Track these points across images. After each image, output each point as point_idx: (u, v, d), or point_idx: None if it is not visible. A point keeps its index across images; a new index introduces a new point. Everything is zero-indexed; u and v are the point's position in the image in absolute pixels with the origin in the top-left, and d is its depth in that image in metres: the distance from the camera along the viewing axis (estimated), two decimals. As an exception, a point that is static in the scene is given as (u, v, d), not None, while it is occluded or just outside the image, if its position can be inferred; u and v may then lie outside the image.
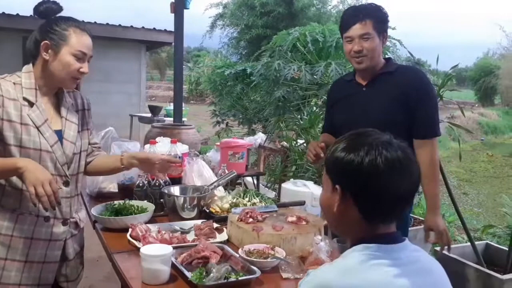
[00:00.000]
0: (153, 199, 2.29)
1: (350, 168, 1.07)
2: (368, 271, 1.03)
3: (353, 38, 2.11)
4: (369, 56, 2.11)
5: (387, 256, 1.05)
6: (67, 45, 1.77)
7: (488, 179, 11.22)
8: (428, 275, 1.09)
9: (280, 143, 4.94)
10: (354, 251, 1.08)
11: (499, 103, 25.50)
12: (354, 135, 1.14)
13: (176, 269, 1.63)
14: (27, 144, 1.72)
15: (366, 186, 1.06)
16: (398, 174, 1.06)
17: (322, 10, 12.70)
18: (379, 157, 1.05)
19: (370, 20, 2.09)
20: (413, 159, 1.11)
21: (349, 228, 1.14)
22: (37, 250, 1.80)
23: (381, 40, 2.13)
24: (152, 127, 3.87)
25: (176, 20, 5.64)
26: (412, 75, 2.16)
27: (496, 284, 2.63)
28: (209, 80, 10.37)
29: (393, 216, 1.11)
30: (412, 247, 1.13)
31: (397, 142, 1.11)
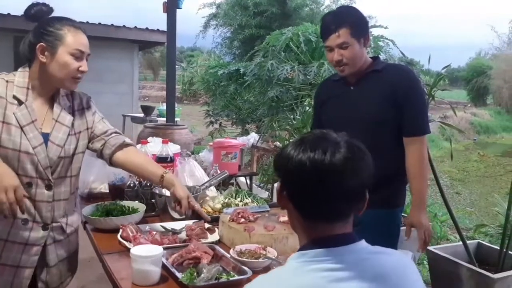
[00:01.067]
0: (144, 200, 2.28)
1: (282, 162, 1.06)
2: (301, 277, 0.98)
3: (332, 48, 2.10)
4: (350, 63, 2.10)
5: (327, 260, 0.99)
6: (63, 45, 1.74)
7: (480, 179, 11.27)
8: (379, 281, 1.00)
9: (273, 143, 4.93)
10: (291, 259, 1.04)
11: (491, 103, 25.65)
12: (307, 134, 1.12)
13: (167, 270, 1.62)
14: (6, 144, 1.68)
15: (293, 181, 1.04)
16: (329, 173, 1.00)
17: (315, 10, 12.72)
18: (307, 154, 1.01)
19: (346, 29, 2.05)
20: (362, 154, 1.04)
21: (295, 226, 1.11)
22: (11, 253, 1.73)
23: (362, 44, 2.10)
24: (144, 127, 3.85)
25: (169, 19, 5.62)
26: (400, 72, 2.15)
27: (488, 283, 2.63)
28: (203, 80, 10.36)
29: (335, 214, 1.04)
30: (370, 248, 1.06)
31: (351, 140, 1.05)
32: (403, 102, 2.07)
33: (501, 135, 19.00)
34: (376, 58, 2.24)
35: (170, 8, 5.55)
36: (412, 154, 2.09)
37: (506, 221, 2.93)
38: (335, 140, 1.04)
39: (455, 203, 8.38)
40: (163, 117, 7.75)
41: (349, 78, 2.19)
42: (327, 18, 2.15)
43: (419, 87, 2.16)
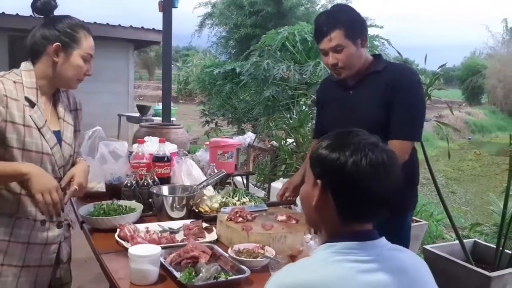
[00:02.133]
0: (141, 199, 2.27)
1: (334, 166, 1.08)
2: (329, 267, 1.04)
3: (326, 51, 2.00)
4: (347, 67, 2.00)
5: (354, 253, 1.06)
6: (79, 48, 1.78)
7: (475, 178, 11.32)
8: (402, 274, 1.07)
9: (270, 142, 4.93)
10: (319, 249, 1.11)
11: (486, 102, 25.76)
12: (342, 133, 1.15)
13: (165, 270, 1.62)
14: (30, 147, 1.69)
15: (347, 185, 1.08)
16: (380, 177, 1.07)
17: (311, 10, 12.72)
18: (364, 158, 1.06)
19: (339, 31, 1.94)
20: (397, 163, 1.12)
21: (323, 223, 1.16)
22: (33, 254, 1.77)
23: (360, 45, 1.99)
24: (140, 126, 3.84)
25: (165, 19, 5.62)
26: (400, 72, 2.01)
27: (484, 281, 2.65)
28: (198, 80, 10.36)
29: (368, 216, 1.13)
30: (389, 245, 1.13)
31: (383, 145, 1.12)
32: (394, 104, 1.94)
33: (496, 134, 19.09)
34: (378, 56, 2.13)
35: (166, 7, 5.55)
36: None
37: (502, 220, 2.95)
38: (380, 144, 1.11)
39: (450, 202, 8.41)
40: (159, 116, 7.74)
41: (349, 80, 2.09)
42: (319, 19, 2.03)
43: (416, 90, 1.99)
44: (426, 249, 3.10)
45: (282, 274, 1.08)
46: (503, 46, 25.32)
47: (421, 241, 3.84)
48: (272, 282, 1.05)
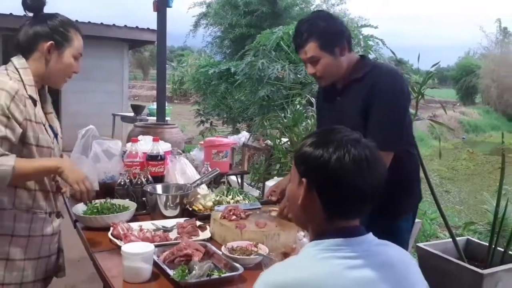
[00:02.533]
0: (135, 198, 2.27)
1: (317, 163, 1.09)
2: (317, 265, 1.04)
3: (305, 61, 2.00)
4: (326, 75, 1.99)
5: (341, 249, 1.06)
6: (71, 47, 1.80)
7: (469, 177, 11.37)
8: (389, 269, 1.08)
9: (264, 142, 4.94)
10: (307, 247, 1.11)
11: (480, 102, 25.87)
12: (324, 131, 1.17)
13: (158, 267, 1.62)
14: (42, 143, 1.74)
15: (331, 182, 1.08)
16: (363, 173, 1.07)
17: (306, 10, 12.72)
18: (347, 155, 1.07)
19: (312, 43, 1.92)
20: (380, 159, 1.12)
21: (310, 221, 1.16)
22: (45, 245, 1.85)
23: (337, 54, 1.95)
24: (134, 126, 3.85)
25: (159, 18, 5.62)
26: (380, 76, 1.93)
27: (476, 278, 2.66)
28: (193, 79, 10.34)
29: (354, 212, 1.13)
30: (377, 241, 1.14)
31: (366, 140, 1.13)
32: (371, 109, 1.89)
33: (490, 134, 19.19)
34: (363, 58, 2.06)
35: (160, 6, 5.55)
36: None
37: (495, 218, 2.97)
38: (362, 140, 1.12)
39: (444, 201, 8.44)
40: (153, 116, 7.73)
41: (337, 85, 2.06)
42: (296, 30, 2.00)
43: (394, 96, 1.90)
44: (420, 247, 3.12)
45: (270, 272, 1.09)
46: (497, 46, 25.48)
47: (414, 239, 3.85)
48: (261, 281, 1.06)
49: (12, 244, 1.72)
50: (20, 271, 1.75)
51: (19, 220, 1.73)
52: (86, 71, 8.93)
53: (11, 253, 1.72)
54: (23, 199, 1.74)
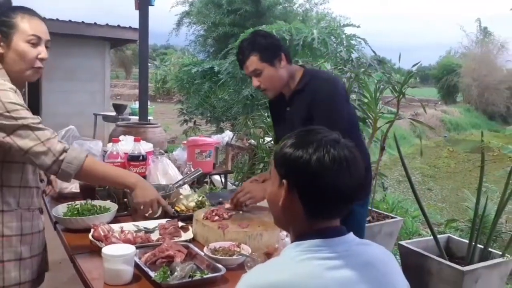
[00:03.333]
0: (116, 199, 2.24)
1: (298, 164, 1.09)
2: (298, 266, 1.04)
3: (250, 76, 2.16)
4: (270, 87, 2.14)
5: (322, 250, 1.06)
6: (17, 33, 1.67)
7: (451, 175, 11.53)
8: (370, 268, 1.08)
9: (248, 141, 4.93)
10: (288, 249, 1.11)
11: (461, 101, 26.24)
12: (303, 132, 1.16)
13: (140, 269, 1.60)
14: None
15: (312, 183, 1.08)
16: (344, 172, 1.07)
17: (289, 9, 12.75)
18: (327, 155, 1.07)
19: (253, 56, 2.09)
20: (359, 158, 1.12)
21: (290, 222, 1.16)
22: (38, 243, 1.85)
23: (278, 66, 2.10)
24: (116, 126, 3.79)
25: (141, 17, 5.56)
26: (316, 89, 2.10)
27: (457, 275, 2.69)
28: (176, 78, 10.27)
29: (335, 212, 1.13)
30: (357, 240, 1.14)
31: (345, 141, 1.13)
32: (314, 117, 2.05)
33: (471, 132, 19.48)
34: (304, 70, 2.19)
35: (142, 5, 5.50)
36: None
37: (475, 215, 3.01)
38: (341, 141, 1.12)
39: (426, 199, 8.55)
40: (135, 115, 7.66)
41: (286, 94, 2.21)
42: (240, 46, 2.18)
43: (331, 104, 2.06)
44: (401, 244, 3.15)
45: (251, 275, 1.08)
46: (477, 45, 25.87)
47: (396, 237, 3.89)
48: (242, 283, 1.05)
49: (22, 243, 1.73)
50: (30, 269, 1.77)
51: (24, 219, 1.75)
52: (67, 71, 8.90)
53: (23, 253, 1.74)
54: (25, 198, 1.76)
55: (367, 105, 3.76)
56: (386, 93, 3.97)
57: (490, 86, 23.54)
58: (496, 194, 5.60)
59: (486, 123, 22.22)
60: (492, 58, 24.84)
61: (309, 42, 4.83)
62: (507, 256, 2.88)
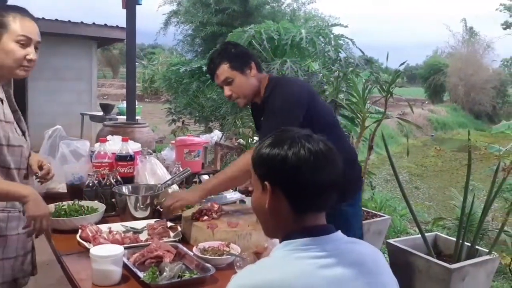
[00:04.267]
0: (104, 199, 2.22)
1: (276, 162, 1.11)
2: (289, 264, 1.05)
3: (221, 86, 2.18)
4: (241, 95, 2.17)
5: (312, 248, 1.07)
6: (7, 32, 1.68)
7: (438, 174, 11.62)
8: (360, 266, 1.09)
9: (237, 141, 4.93)
10: (278, 248, 1.12)
11: (448, 100, 26.47)
12: (276, 133, 1.18)
13: (128, 270, 1.59)
14: (13, 142, 1.71)
15: (293, 178, 1.10)
16: (322, 164, 1.10)
17: (277, 8, 12.76)
18: (302, 149, 1.10)
19: (223, 65, 2.12)
20: (335, 150, 1.15)
21: (278, 224, 1.16)
22: (20, 243, 1.84)
23: (248, 74, 2.15)
24: (104, 125, 3.77)
25: (128, 16, 5.52)
26: (269, 99, 2.13)
27: (445, 273, 2.72)
28: (164, 78, 10.21)
29: (321, 205, 1.14)
30: (346, 238, 1.15)
31: (317, 136, 1.16)
32: None
33: (457, 131, 19.66)
34: (269, 80, 2.21)
35: (129, 4, 5.46)
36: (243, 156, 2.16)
37: (462, 214, 3.03)
38: (314, 135, 1.14)
39: (414, 198, 8.60)
40: (123, 115, 7.60)
41: (259, 105, 2.24)
42: (210, 57, 2.23)
43: (275, 106, 2.09)
44: (389, 243, 3.16)
45: (242, 275, 1.08)
46: (464, 45, 26.12)
47: (384, 235, 3.91)
48: (233, 284, 1.05)
49: None
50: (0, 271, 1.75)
51: (16, 219, 1.76)
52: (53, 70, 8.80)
53: None
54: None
55: (355, 104, 3.78)
56: (374, 92, 3.99)
57: (476, 86, 23.78)
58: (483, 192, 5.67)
59: (472, 122, 22.44)
60: (478, 57, 25.11)
61: (297, 41, 4.83)
62: (493, 253, 2.91)
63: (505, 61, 25.54)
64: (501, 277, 3.97)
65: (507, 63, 25.51)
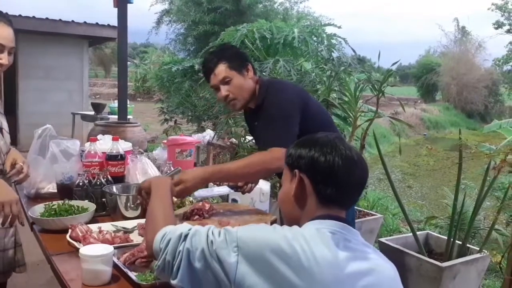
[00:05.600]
0: (94, 199, 2.20)
1: (307, 156, 1.18)
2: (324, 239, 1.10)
3: (218, 86, 2.11)
4: (239, 96, 2.12)
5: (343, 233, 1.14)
6: None
7: (430, 173, 11.66)
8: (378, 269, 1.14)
9: (229, 140, 4.91)
10: (310, 223, 1.16)
11: (440, 99, 26.61)
12: (308, 136, 1.25)
13: (118, 269, 1.58)
14: None
15: (326, 177, 1.16)
16: (353, 165, 1.17)
17: (269, 7, 12.78)
18: (336, 152, 1.16)
19: (222, 64, 2.08)
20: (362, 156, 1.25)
21: (303, 209, 1.20)
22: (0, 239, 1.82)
23: (246, 75, 2.12)
24: (95, 125, 3.75)
25: (120, 14, 5.50)
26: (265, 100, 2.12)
27: (436, 271, 2.73)
28: (156, 77, 10.19)
29: (349, 200, 1.22)
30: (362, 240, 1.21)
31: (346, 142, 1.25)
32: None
33: (450, 130, 19.76)
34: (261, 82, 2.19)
35: (120, 2, 5.44)
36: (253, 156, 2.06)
37: (453, 212, 3.04)
38: (344, 141, 1.23)
39: (406, 197, 8.63)
40: (114, 114, 7.57)
41: (254, 109, 2.21)
42: (206, 57, 2.19)
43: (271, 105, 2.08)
44: (381, 241, 3.17)
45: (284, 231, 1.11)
46: (456, 44, 26.26)
47: (376, 234, 3.92)
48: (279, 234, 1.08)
49: None
50: None
51: None
52: (44, 69, 8.74)
53: None
54: None
55: (348, 103, 3.79)
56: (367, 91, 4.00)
57: (468, 85, 23.91)
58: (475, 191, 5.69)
59: (465, 121, 22.57)
60: (470, 57, 25.25)
61: (290, 41, 4.83)
62: (484, 251, 2.93)
63: (496, 60, 25.66)
64: (492, 275, 3.99)
65: (498, 62, 25.63)
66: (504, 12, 25.04)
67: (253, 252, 1.05)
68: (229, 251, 1.07)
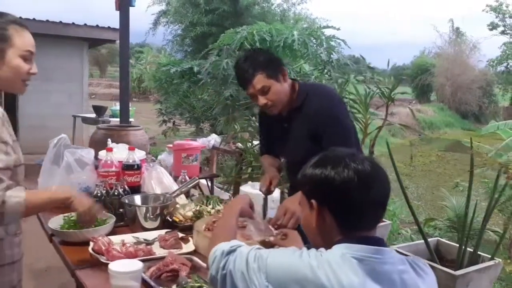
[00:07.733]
0: (112, 210, 2.19)
1: (321, 180, 1.14)
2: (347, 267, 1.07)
3: (255, 95, 2.10)
4: (277, 103, 2.11)
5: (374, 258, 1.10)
6: (12, 47, 1.59)
7: (426, 173, 11.71)
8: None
9: (235, 145, 4.90)
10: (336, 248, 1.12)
11: (435, 100, 26.73)
12: (322, 154, 1.21)
13: (146, 284, 1.57)
14: (20, 161, 1.65)
15: (339, 197, 1.12)
16: (368, 183, 1.11)
17: (267, 9, 12.78)
18: (346, 169, 1.11)
19: (259, 74, 2.05)
20: (381, 166, 1.17)
21: (328, 241, 1.16)
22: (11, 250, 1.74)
23: (282, 80, 2.10)
24: (97, 128, 3.67)
25: (122, 17, 5.46)
26: (317, 103, 2.12)
27: (449, 279, 2.73)
28: (154, 78, 10.16)
29: (370, 221, 1.16)
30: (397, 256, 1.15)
31: (362, 155, 1.20)
32: (323, 134, 2.06)
33: (444, 131, 19.86)
34: (298, 85, 2.20)
35: (122, 5, 5.40)
36: None
37: (465, 221, 3.04)
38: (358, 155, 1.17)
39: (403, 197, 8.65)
40: (116, 117, 7.51)
41: (282, 112, 2.19)
42: (240, 68, 2.12)
43: (337, 115, 2.11)
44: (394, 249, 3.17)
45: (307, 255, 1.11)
46: (450, 45, 26.39)
47: (385, 239, 3.93)
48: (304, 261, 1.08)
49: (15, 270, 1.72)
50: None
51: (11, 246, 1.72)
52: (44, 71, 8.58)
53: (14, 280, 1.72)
54: (10, 224, 1.68)
55: (357, 110, 3.78)
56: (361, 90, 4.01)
57: (463, 86, 24.06)
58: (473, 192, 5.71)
59: (459, 122, 22.72)
60: (465, 58, 25.41)
61: (290, 43, 4.83)
62: (495, 259, 2.94)
63: (491, 61, 25.80)
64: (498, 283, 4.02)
65: (493, 63, 25.77)
66: (499, 13, 25.19)
67: (279, 280, 1.09)
68: (260, 276, 1.11)
